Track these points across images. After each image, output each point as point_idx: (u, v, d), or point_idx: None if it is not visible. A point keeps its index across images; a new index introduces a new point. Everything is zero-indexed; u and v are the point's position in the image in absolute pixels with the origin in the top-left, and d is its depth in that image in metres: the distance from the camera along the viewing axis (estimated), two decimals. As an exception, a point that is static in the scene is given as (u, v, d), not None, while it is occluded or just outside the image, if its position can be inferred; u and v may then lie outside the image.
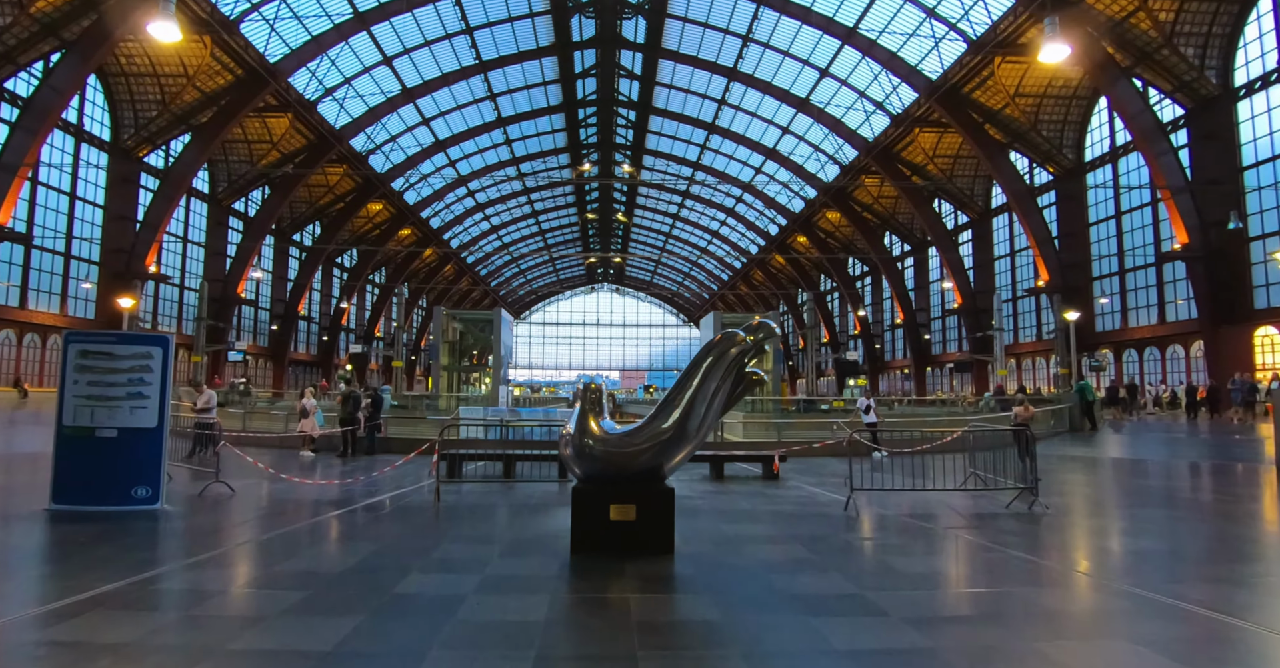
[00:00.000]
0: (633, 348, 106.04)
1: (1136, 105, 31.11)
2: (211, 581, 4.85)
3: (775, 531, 6.85)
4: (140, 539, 6.14)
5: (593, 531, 5.67)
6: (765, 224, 63.62)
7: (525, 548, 5.90)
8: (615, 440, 5.78)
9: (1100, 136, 38.11)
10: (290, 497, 8.60)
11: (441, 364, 28.47)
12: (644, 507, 5.71)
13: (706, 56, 43.32)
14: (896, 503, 8.38)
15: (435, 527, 6.94)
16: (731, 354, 5.65)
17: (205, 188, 45.12)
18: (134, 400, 7.11)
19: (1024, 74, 35.87)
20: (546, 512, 7.97)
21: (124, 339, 7.44)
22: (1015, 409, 13.50)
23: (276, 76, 35.90)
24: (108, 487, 7.04)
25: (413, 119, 45.92)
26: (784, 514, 7.86)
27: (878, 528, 7.15)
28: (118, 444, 7.06)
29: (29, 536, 6.28)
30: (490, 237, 71.86)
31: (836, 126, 44.34)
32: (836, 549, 6.14)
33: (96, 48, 29.85)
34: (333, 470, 11.69)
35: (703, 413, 5.70)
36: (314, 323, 58.28)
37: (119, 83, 36.61)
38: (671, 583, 4.95)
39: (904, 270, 55.97)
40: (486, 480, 10.38)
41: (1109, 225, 38.21)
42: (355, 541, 6.18)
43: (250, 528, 6.90)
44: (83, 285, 36.02)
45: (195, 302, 40.50)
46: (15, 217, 30.89)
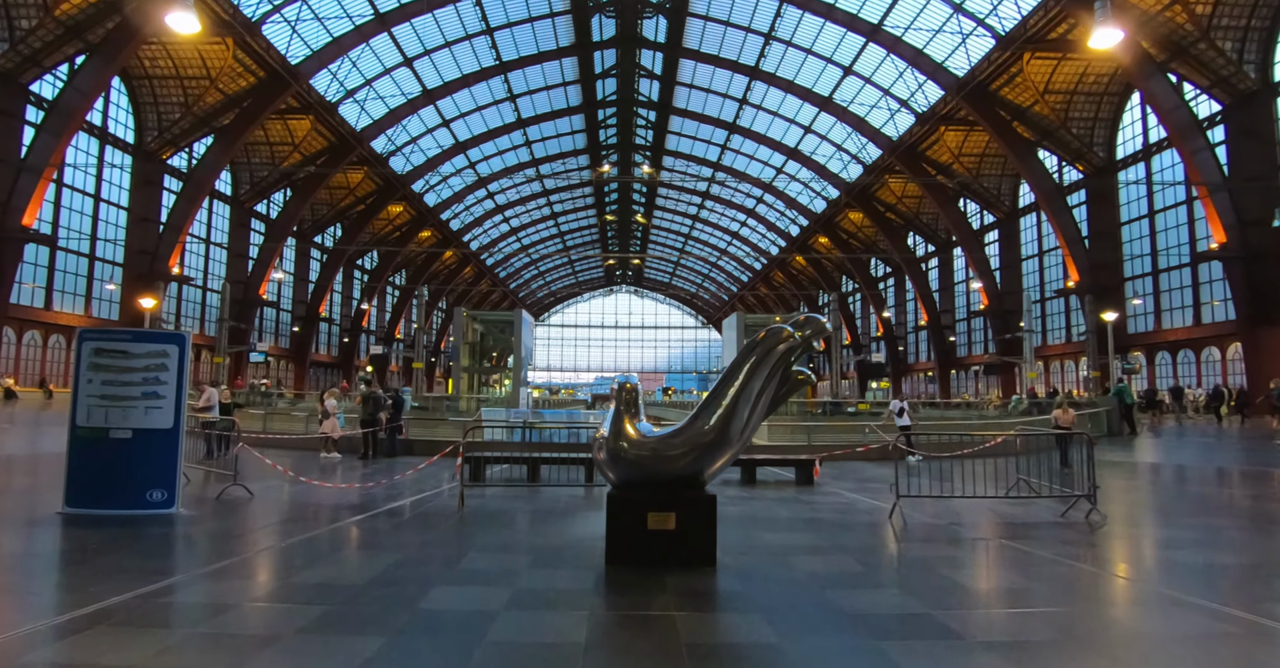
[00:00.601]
0: (651, 350, 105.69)
1: (1172, 101, 30.29)
2: (225, 593, 4.53)
3: (820, 540, 6.43)
4: (153, 546, 5.85)
5: (629, 540, 5.30)
6: (786, 225, 63.01)
7: (557, 558, 5.54)
8: (652, 444, 5.41)
9: (1133, 134, 37.19)
10: (310, 501, 8.31)
11: (462, 365, 28.26)
12: (684, 515, 5.33)
13: (728, 56, 42.93)
14: (942, 511, 7.93)
15: (460, 534, 6.60)
16: (778, 352, 5.26)
17: (227, 190, 45.39)
18: (149, 401, 6.84)
19: (1054, 70, 35.12)
20: (575, 518, 7.62)
21: (139, 337, 7.18)
22: (1055, 413, 12.99)
23: (298, 78, 35.98)
24: (122, 490, 6.78)
25: (433, 120, 45.93)
26: (826, 523, 7.44)
27: (930, 538, 6.71)
28: (132, 446, 6.80)
29: (39, 541, 6.03)
30: (509, 239, 71.88)
31: (860, 125, 43.73)
32: (890, 562, 5.72)
33: (120, 50, 30.04)
34: (353, 473, 11.42)
35: (746, 415, 5.32)
36: (335, 324, 58.51)
37: (142, 85, 36.87)
38: (718, 600, 4.56)
39: (928, 271, 55.10)
40: (510, 484, 10.04)
41: (1142, 225, 37.27)
42: (377, 549, 5.85)
43: (268, 534, 6.60)
44: (107, 286, 36.30)
45: (217, 303, 40.67)
46: (41, 218, 31.15)
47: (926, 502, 8.16)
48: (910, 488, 7.90)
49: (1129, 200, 38.08)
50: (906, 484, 7.58)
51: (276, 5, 32.67)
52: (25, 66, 29.81)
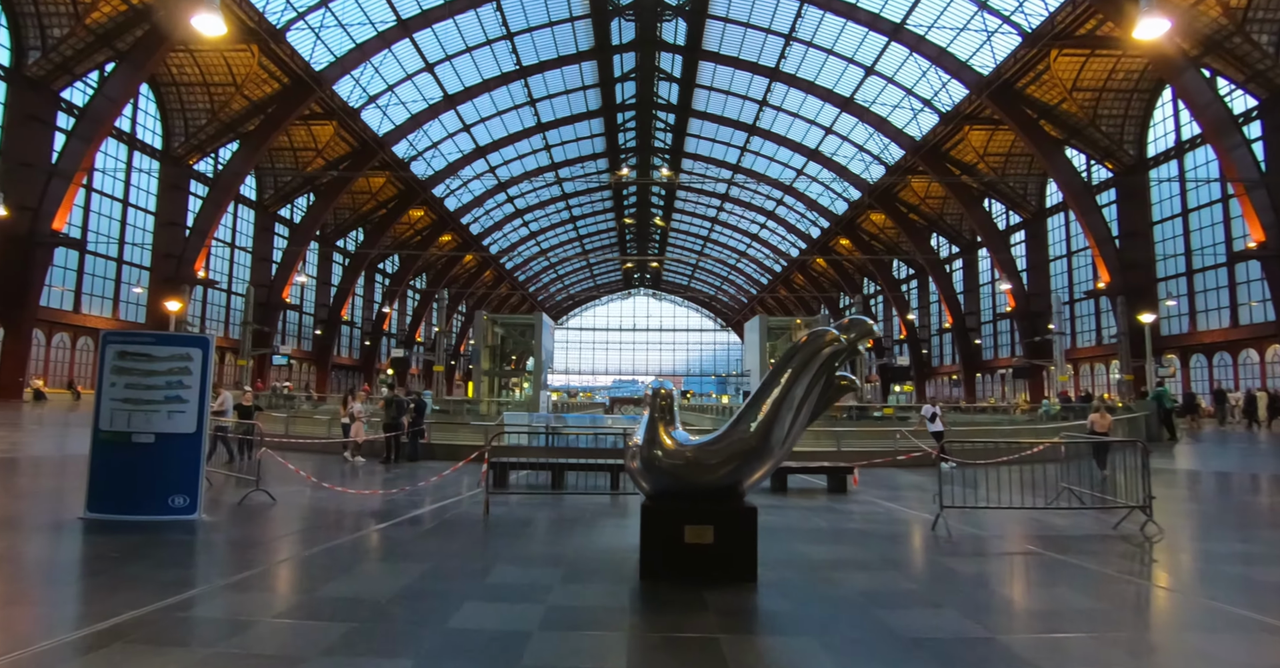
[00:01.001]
0: (669, 353, 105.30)
1: (1206, 96, 29.52)
2: (247, 607, 4.34)
3: (864, 554, 6.14)
4: (174, 554, 5.69)
5: (664, 554, 5.05)
6: (806, 227, 62.48)
7: (588, 572, 5.30)
8: (689, 453, 5.15)
9: (1164, 131, 36.36)
10: (332, 507, 8.14)
11: (482, 369, 28.17)
12: (722, 528, 5.07)
13: (748, 57, 42.62)
14: (987, 522, 7.59)
15: (487, 544, 6.38)
16: (823, 355, 4.99)
17: (252, 195, 45.81)
18: (172, 405, 6.70)
19: (1082, 67, 34.46)
20: (603, 527, 7.37)
21: (163, 340, 7.05)
22: (1092, 417, 12.49)
23: (321, 84, 36.22)
24: (144, 495, 6.64)
25: (454, 125, 46.07)
26: (867, 534, 7.13)
27: (978, 552, 6.38)
28: (155, 450, 6.66)
29: (58, 548, 5.89)
30: (529, 242, 71.99)
31: (882, 126, 43.21)
32: (942, 578, 5.41)
33: (148, 57, 30.38)
34: (376, 478, 11.26)
35: (788, 423, 5.05)
36: (356, 328, 58.86)
37: (170, 92, 37.31)
38: (764, 620, 4.29)
39: (952, 273, 54.33)
40: (534, 491, 9.82)
41: (1175, 224, 36.39)
42: (402, 560, 5.64)
43: (291, 543, 6.42)
44: (134, 290, 36.73)
45: (241, 306, 41.03)
46: (70, 223, 31.55)
47: (968, 512, 7.83)
48: (952, 498, 7.57)
49: (1161, 199, 37.22)
50: (951, 494, 7.25)
51: (301, 12, 32.90)
52: (57, 74, 30.26)
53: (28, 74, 29.48)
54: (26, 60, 29.41)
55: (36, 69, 29.63)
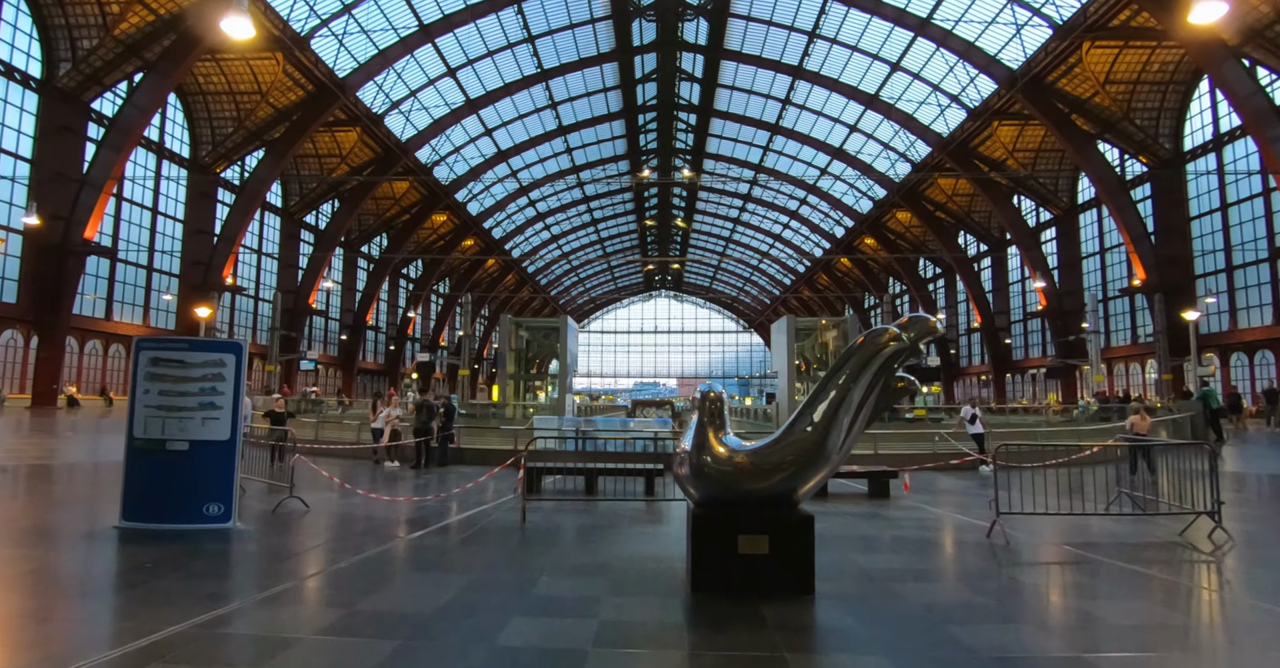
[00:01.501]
0: (691, 355, 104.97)
1: (1247, 87, 28.66)
2: (286, 623, 4.17)
3: (921, 563, 5.85)
4: (210, 565, 5.55)
5: (717, 565, 4.81)
6: (830, 226, 61.87)
7: (636, 583, 5.08)
8: (740, 459, 4.91)
9: (1202, 123, 35.42)
10: (366, 514, 8.00)
11: (508, 373, 28.08)
12: (778, 537, 4.82)
13: (770, 55, 42.26)
14: (1042, 529, 7.23)
15: (527, 553, 6.18)
16: (884, 355, 4.73)
17: (278, 202, 46.29)
18: (206, 411, 6.59)
19: (1115, 59, 33.69)
20: (643, 535, 7.15)
21: (196, 346, 6.94)
22: (1132, 419, 12.19)
23: (345, 91, 36.47)
24: (179, 503, 6.53)
25: (475, 130, 46.20)
26: (920, 542, 6.84)
27: (1042, 561, 6.07)
28: (189, 458, 6.55)
29: (94, 559, 5.79)
30: (550, 246, 72.09)
31: (908, 123, 42.62)
32: (1009, 590, 5.11)
33: (176, 66, 30.75)
34: (407, 484, 11.14)
35: (846, 427, 4.80)
36: (381, 332, 59.25)
37: (197, 101, 37.80)
38: (830, 637, 4.04)
39: (980, 272, 53.45)
40: (565, 497, 9.60)
41: (1213, 219, 35.42)
42: (442, 570, 5.46)
43: (327, 552, 6.26)
44: (164, 297, 37.21)
45: (268, 312, 41.43)
46: (101, 232, 32.02)
47: (1021, 518, 7.47)
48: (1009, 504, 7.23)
49: (1199, 194, 36.26)
50: (1008, 500, 6.92)
51: (324, 19, 33.15)
52: (87, 85, 30.75)
53: (59, 85, 29.99)
54: (57, 72, 29.93)
55: (67, 80, 30.13)
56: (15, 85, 28.85)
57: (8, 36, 28.38)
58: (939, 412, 31.18)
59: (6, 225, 28.22)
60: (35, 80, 29.56)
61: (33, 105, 29.74)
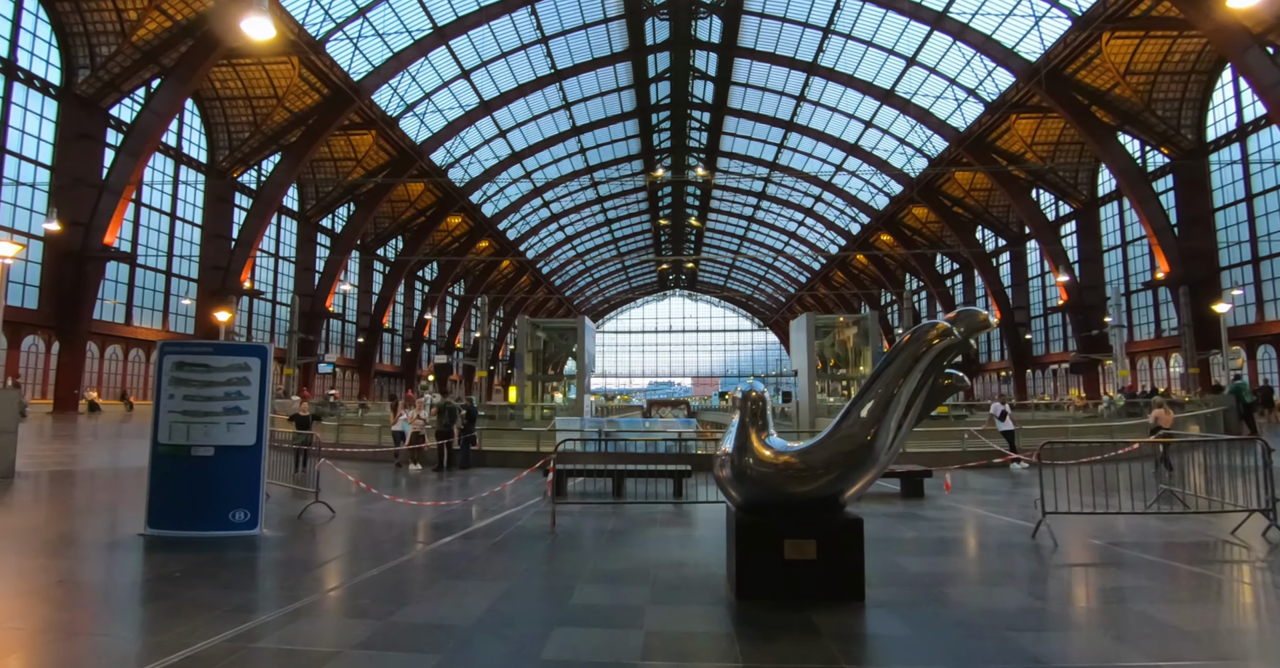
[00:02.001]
0: (706, 354, 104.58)
1: (1271, 75, 28.00)
2: (320, 636, 4.03)
3: (969, 566, 5.64)
4: (238, 575, 5.43)
5: (763, 571, 4.62)
6: (846, 223, 61.40)
7: (677, 590, 4.90)
8: (785, 461, 4.73)
9: (1225, 113, 34.75)
10: (393, 519, 7.87)
11: (525, 374, 27.99)
12: (825, 541, 4.63)
13: (784, 52, 41.94)
14: (1088, 528, 6.97)
15: (561, 560, 6.02)
16: (934, 351, 4.53)
17: (294, 206, 46.50)
18: (231, 416, 6.48)
19: (1135, 50, 33.14)
20: (677, 539, 6.97)
21: (221, 350, 6.84)
22: (1155, 413, 12.09)
23: (360, 94, 36.54)
24: (205, 510, 6.43)
25: (490, 131, 46.20)
26: (963, 544, 6.62)
27: (1096, 562, 5.83)
28: (215, 464, 6.45)
29: (120, 568, 5.68)
30: (564, 246, 72.05)
31: (924, 117, 42.16)
32: (1066, 594, 4.89)
33: (193, 72, 30.90)
34: (431, 487, 11.02)
35: (894, 427, 4.60)
36: (397, 335, 59.43)
37: (213, 106, 38.00)
38: (889, 647, 3.84)
39: (999, 267, 52.82)
40: (594, 500, 9.43)
41: (1238, 210, 34.73)
42: (477, 579, 5.30)
43: (356, 560, 6.12)
44: (183, 301, 37.41)
45: (286, 316, 41.61)
46: (121, 237, 32.23)
47: (1064, 518, 7.21)
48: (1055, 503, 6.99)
49: (1223, 184, 35.57)
50: (1052, 500, 6.68)
51: (339, 23, 33.21)
52: (105, 91, 30.96)
53: (78, 92, 30.21)
54: (76, 79, 30.15)
55: (86, 87, 30.35)
56: (35, 92, 29.10)
57: (27, 44, 28.63)
58: (960, 409, 30.78)
59: (27, 231, 28.45)
60: (54, 87, 29.80)
61: (52, 112, 29.98)
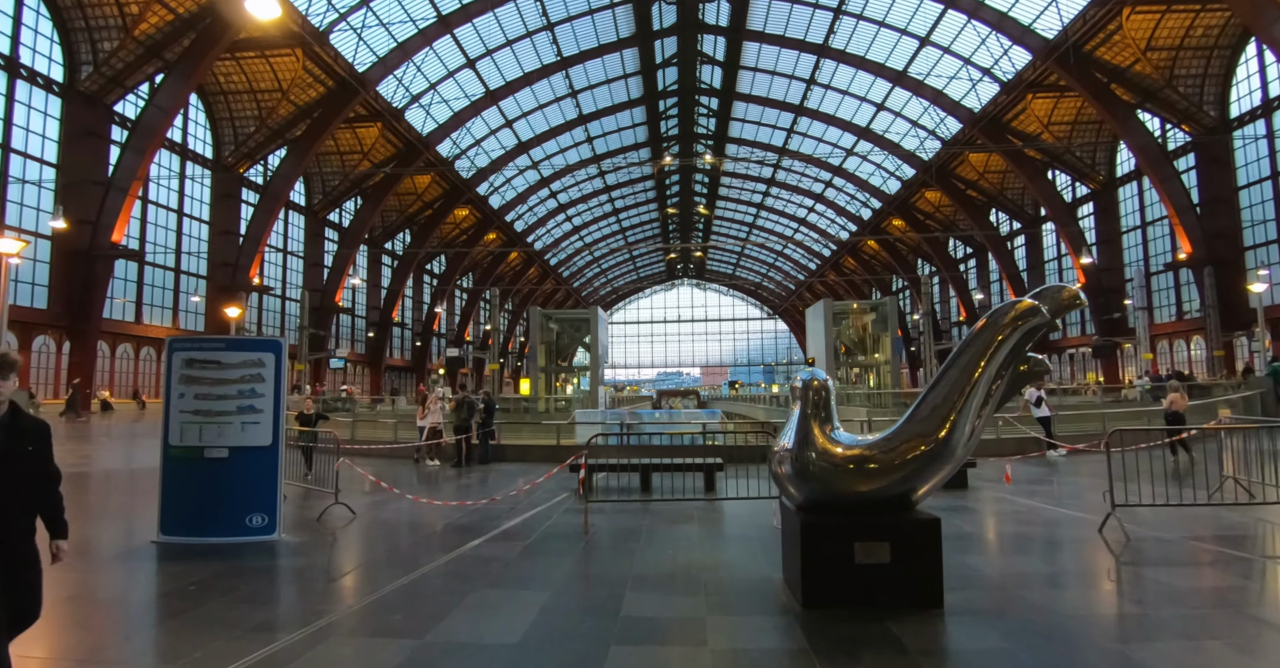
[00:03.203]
0: (715, 343, 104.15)
1: (1302, 47, 27.25)
2: (355, 659, 3.64)
3: (1042, 565, 5.21)
4: (257, 586, 5.05)
5: (830, 576, 4.21)
6: (857, 208, 60.66)
7: (735, 599, 4.50)
8: (852, 456, 4.30)
9: (1249, 89, 33.83)
10: (417, 521, 7.49)
11: (539, 366, 27.67)
12: (900, 544, 4.21)
13: (794, 34, 41.19)
14: (1155, 521, 6.52)
15: (600, 564, 5.62)
16: (1020, 331, 4.10)
17: (302, 200, 46.18)
18: (245, 415, 6.09)
19: (1156, 25, 32.34)
20: (720, 540, 6.55)
21: (233, 345, 6.44)
22: (1171, 397, 11.80)
23: (365, 85, 36.09)
24: (219, 515, 6.06)
25: (495, 121, 45.68)
26: (1027, 539, 6.18)
27: (1180, 561, 5.39)
28: (229, 466, 6.07)
29: (132, 580, 5.31)
30: (572, 237, 71.57)
31: (938, 99, 41.37)
32: (1165, 597, 4.45)
33: (196, 66, 30.51)
34: (451, 485, 10.66)
35: (974, 416, 4.17)
36: (407, 329, 59.21)
37: (218, 101, 37.63)
38: (986, 664, 3.42)
39: (1013, 250, 52.02)
40: (623, 499, 9.03)
41: (1263, 188, 33.85)
42: (515, 587, 4.90)
43: (382, 567, 5.70)
44: (192, 299, 37.19)
45: (295, 311, 41.37)
46: (129, 235, 31.97)
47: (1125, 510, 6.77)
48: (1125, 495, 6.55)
49: (1247, 162, 34.70)
50: (1122, 492, 6.24)
51: (342, 13, 32.74)
52: (109, 88, 30.61)
53: (81, 89, 29.88)
54: (79, 75, 29.81)
55: (89, 84, 30.01)
56: (38, 90, 28.78)
57: (29, 41, 28.27)
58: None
59: (34, 231, 28.21)
60: (58, 84, 29.47)
61: (56, 109, 29.66)
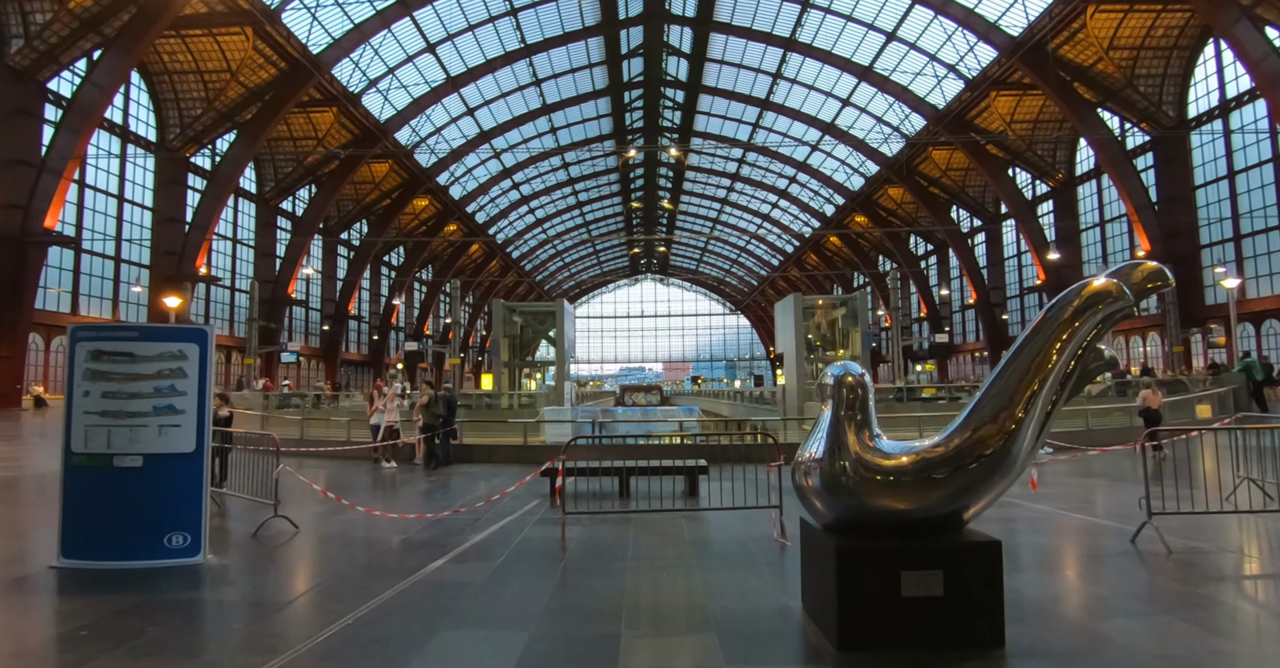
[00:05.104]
0: (678, 338, 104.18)
1: (1261, 49, 27.63)
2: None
3: (1093, 587, 4.61)
4: (166, 630, 4.07)
5: (874, 612, 3.51)
6: (820, 205, 60.75)
7: (754, 639, 3.77)
8: (898, 468, 3.61)
9: (1207, 89, 34.49)
10: (371, 537, 6.59)
11: (502, 361, 26.66)
12: (955, 573, 3.54)
13: (761, 27, 40.79)
14: (1178, 528, 5.99)
15: (585, 592, 4.83)
16: (1099, 316, 3.45)
17: (252, 188, 44.25)
18: (164, 417, 5.16)
19: (1120, 23, 32.77)
20: (717, 559, 5.81)
21: (148, 334, 5.47)
22: (1143, 394, 11.65)
23: (319, 68, 34.59)
24: (132, 535, 5.12)
25: (457, 109, 44.36)
26: (1062, 554, 5.60)
27: (1236, 575, 4.85)
28: (144, 477, 5.13)
29: (22, 617, 4.35)
30: (535, 230, 70.40)
31: (903, 95, 41.40)
32: (1248, 625, 3.87)
33: (137, 42, 28.74)
34: (411, 491, 9.77)
35: (1041, 418, 3.52)
36: (364, 322, 57.46)
37: (162, 81, 35.67)
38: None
39: (974, 247, 52.55)
40: (601, 511, 8.25)
41: (1220, 187, 34.56)
42: (486, 626, 4.08)
43: (326, 599, 4.76)
44: (133, 289, 35.18)
45: (246, 303, 39.57)
46: (64, 221, 30.06)
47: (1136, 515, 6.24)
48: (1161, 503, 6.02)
49: (1204, 161, 35.39)
50: (1162, 499, 5.70)
51: (294, -11, 31.24)
52: (42, 63, 28.60)
53: (11, 64, 27.83)
54: (9, 49, 27.77)
55: (20, 59, 27.98)
56: (-39, 64, 26.77)
57: (-51, 10, 26.26)
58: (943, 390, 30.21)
59: (-43, 215, 26.28)
60: (-17, 59, 27.45)
61: (-19, 86, 27.65)
